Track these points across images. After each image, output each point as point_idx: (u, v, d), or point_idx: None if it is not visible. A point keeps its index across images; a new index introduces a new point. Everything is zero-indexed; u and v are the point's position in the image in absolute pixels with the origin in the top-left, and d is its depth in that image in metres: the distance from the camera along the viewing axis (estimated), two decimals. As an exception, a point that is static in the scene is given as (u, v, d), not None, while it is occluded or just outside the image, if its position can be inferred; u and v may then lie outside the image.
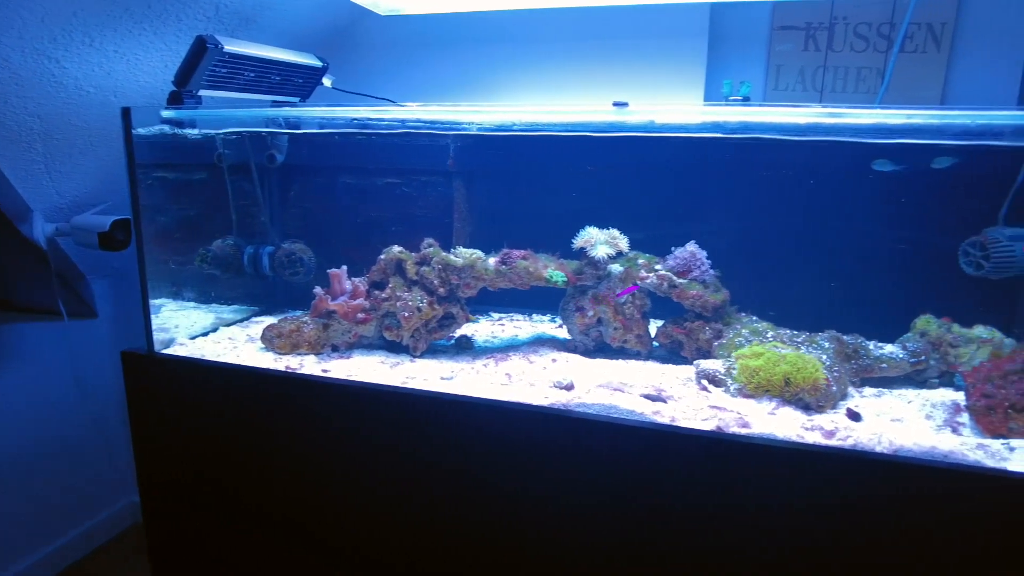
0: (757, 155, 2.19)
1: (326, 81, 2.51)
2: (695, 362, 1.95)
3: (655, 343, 2.19)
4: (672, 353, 2.16)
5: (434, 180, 2.34)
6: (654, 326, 2.21)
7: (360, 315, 2.10)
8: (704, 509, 1.58)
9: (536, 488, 1.71)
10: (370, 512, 1.88)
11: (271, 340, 2.14)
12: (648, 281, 2.12)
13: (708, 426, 1.64)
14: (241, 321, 2.51)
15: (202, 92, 2.09)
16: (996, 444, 1.56)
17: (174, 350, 2.17)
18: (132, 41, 2.16)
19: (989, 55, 2.29)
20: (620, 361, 2.13)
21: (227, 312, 2.58)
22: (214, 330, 2.39)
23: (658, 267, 2.13)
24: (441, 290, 2.08)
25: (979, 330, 1.90)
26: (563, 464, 1.68)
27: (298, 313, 2.33)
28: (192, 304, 2.61)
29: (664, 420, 1.67)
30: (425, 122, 2.08)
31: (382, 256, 2.13)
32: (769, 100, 2.46)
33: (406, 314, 2.04)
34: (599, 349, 2.20)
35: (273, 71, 2.26)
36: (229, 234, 2.50)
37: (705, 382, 1.88)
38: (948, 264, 1.99)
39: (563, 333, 2.29)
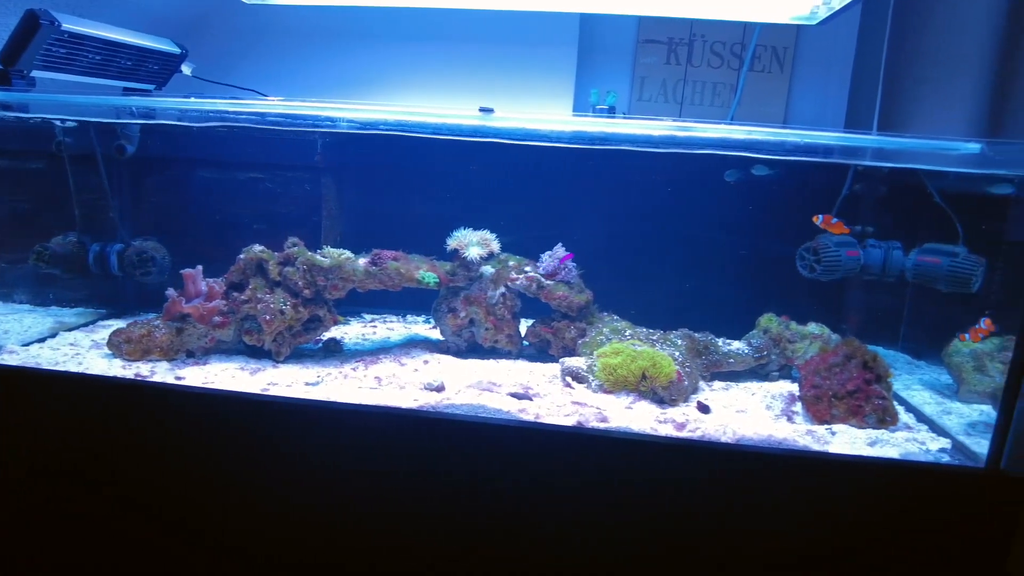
0: (619, 163, 2.29)
1: (185, 69, 2.36)
2: (560, 360, 2.01)
3: (525, 342, 2.24)
4: (541, 352, 2.22)
5: (301, 176, 2.27)
6: (525, 326, 2.26)
7: (217, 318, 1.99)
8: (566, 501, 1.64)
9: (404, 489, 1.69)
10: (228, 525, 1.79)
11: (119, 346, 1.98)
12: (518, 283, 2.17)
13: (570, 421, 1.70)
14: (85, 325, 2.30)
15: (36, 73, 1.90)
16: (821, 430, 1.73)
17: (4, 358, 1.96)
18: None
19: (822, 79, 2.53)
20: (491, 361, 2.16)
21: (69, 316, 2.36)
22: (53, 335, 2.18)
23: (528, 269, 2.18)
24: (306, 292, 2.01)
25: (812, 327, 2.10)
26: (432, 465, 1.67)
27: (150, 316, 2.17)
28: (27, 307, 2.36)
29: (529, 417, 1.71)
30: (291, 116, 2.00)
31: (242, 256, 2.03)
32: (634, 110, 2.59)
33: (268, 317, 1.96)
34: (471, 349, 2.22)
35: (123, 55, 2.09)
36: (72, 230, 2.29)
37: (569, 379, 1.94)
38: (788, 267, 2.18)
39: (436, 334, 2.29)
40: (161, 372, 1.90)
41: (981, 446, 1.62)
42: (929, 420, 1.87)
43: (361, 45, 2.59)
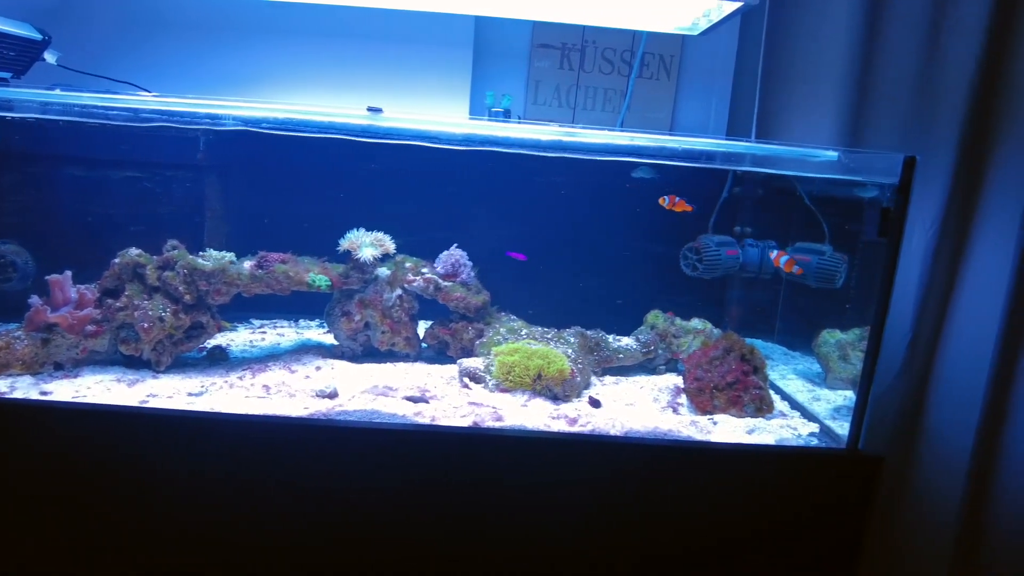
0: (513, 166, 2.32)
1: (49, 57, 2.18)
2: (458, 361, 2.02)
3: (423, 344, 2.23)
4: (439, 353, 2.22)
5: (182, 176, 2.15)
6: (423, 328, 2.25)
7: (90, 327, 1.86)
8: (459, 503, 1.64)
9: (296, 501, 1.64)
10: (106, 549, 1.67)
11: (-28, 360, 1.81)
12: (415, 284, 2.15)
13: (466, 422, 1.71)
14: (-67, 338, 2.09)
15: None
16: (704, 420, 1.83)
17: None
18: None
19: (706, 88, 2.67)
20: (388, 364, 2.13)
21: (-88, 328, 2.12)
22: None
23: (425, 270, 2.17)
24: (188, 297, 1.91)
25: (695, 322, 2.21)
26: (324, 474, 1.63)
27: (12, 327, 1.99)
28: None
29: (425, 420, 1.71)
30: (169, 113, 1.89)
31: (116, 260, 1.91)
32: (529, 113, 2.63)
33: (146, 325, 1.85)
34: (368, 353, 2.19)
35: (-33, 39, 1.91)
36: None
37: (467, 380, 1.95)
38: (673, 266, 2.29)
39: (330, 339, 2.24)
40: (23, 387, 1.75)
41: (844, 429, 1.76)
42: (801, 407, 2.01)
43: (247, 40, 2.48)
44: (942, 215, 2.16)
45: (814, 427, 1.86)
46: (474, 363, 1.98)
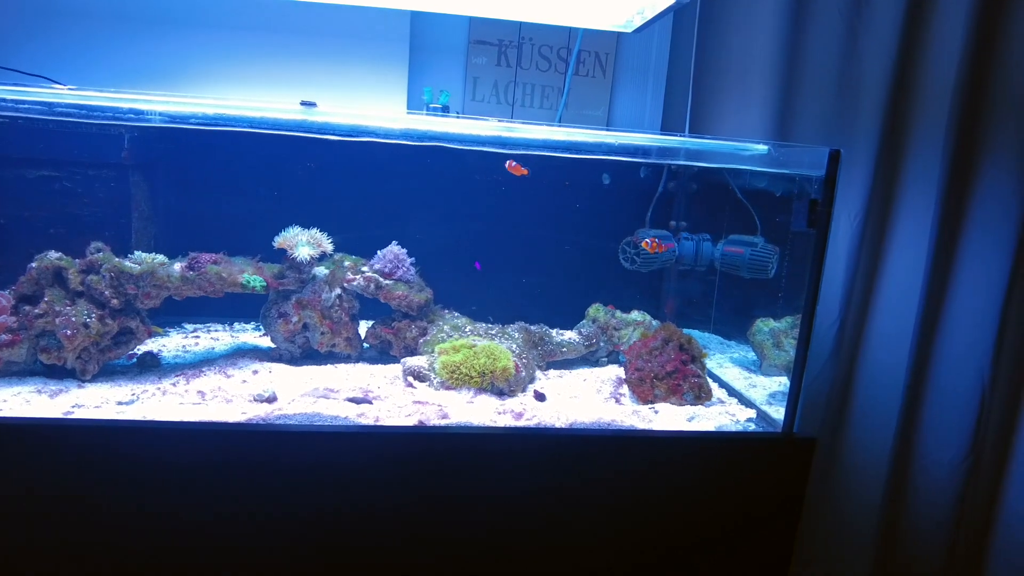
0: (452, 162, 2.31)
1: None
2: (402, 360, 1.99)
3: (365, 344, 2.19)
4: (382, 353, 2.19)
5: (105, 174, 2.04)
6: (365, 327, 2.21)
7: (5, 336, 1.75)
8: (407, 503, 1.62)
9: (235, 510, 1.59)
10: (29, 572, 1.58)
11: None
12: (355, 283, 2.11)
13: (411, 421, 1.69)
14: None
15: None
16: (645, 409, 1.87)
17: None
18: None
19: (641, 84, 2.72)
20: (329, 366, 2.09)
21: None
22: None
23: (365, 269, 2.14)
24: (114, 302, 1.82)
25: (635, 314, 2.25)
26: (265, 481, 1.58)
27: (-84, 338, 1.86)
28: None
29: (368, 421, 1.68)
30: (88, 107, 1.79)
31: (34, 264, 1.80)
32: (468, 110, 2.62)
33: (69, 332, 1.75)
34: (307, 356, 2.13)
35: None
36: None
37: (411, 379, 1.93)
38: (612, 260, 2.32)
39: (267, 342, 2.17)
40: (-71, 402, 1.64)
41: (780, 413, 1.82)
42: (739, 394, 2.08)
43: (171, 31, 2.38)
44: (865, 205, 2.27)
45: (751, 413, 1.92)
46: (418, 362, 1.96)
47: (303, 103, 1.65)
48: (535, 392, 1.92)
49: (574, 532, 1.69)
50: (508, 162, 2.07)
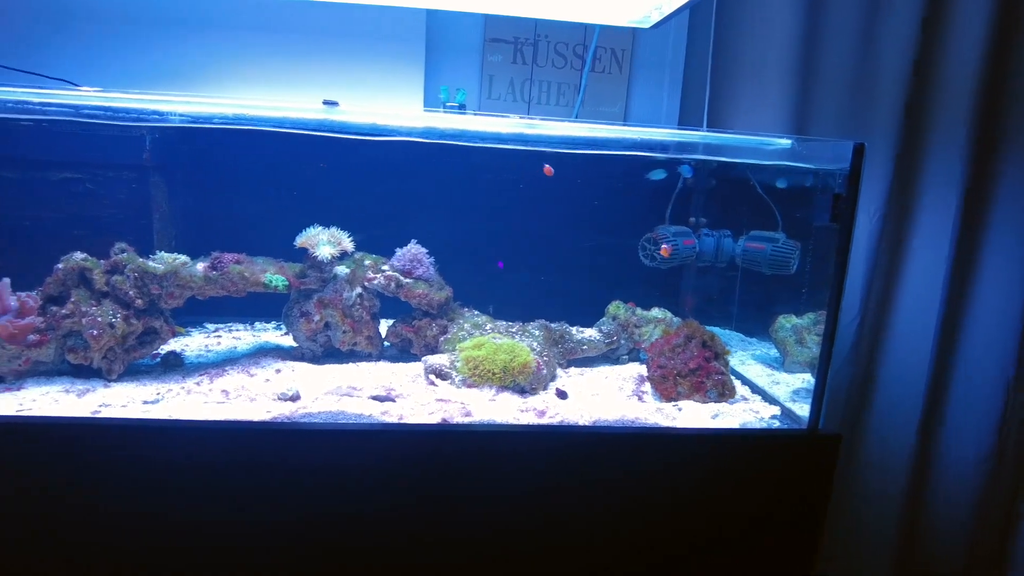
0: (472, 160, 2.31)
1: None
2: (423, 358, 1.99)
3: (386, 343, 2.20)
4: (403, 351, 2.19)
5: (127, 176, 2.06)
6: (385, 326, 2.21)
7: (33, 336, 1.76)
8: (433, 500, 1.62)
9: (261, 508, 1.59)
10: (61, 567, 1.59)
11: (-99, 376, 1.69)
12: (376, 282, 2.12)
13: (434, 419, 1.69)
14: None
15: None
16: (669, 407, 1.86)
17: None
18: None
19: (658, 80, 2.71)
20: (351, 365, 2.09)
21: None
22: None
23: (385, 267, 2.14)
24: (139, 302, 1.83)
25: (655, 312, 2.25)
26: (290, 479, 1.59)
27: (-56, 339, 1.87)
28: None
29: (392, 419, 1.68)
30: (112, 109, 1.81)
31: (60, 265, 1.81)
32: (484, 108, 2.61)
33: (95, 332, 1.76)
34: (329, 354, 2.14)
35: None
36: None
37: (433, 377, 1.93)
38: (632, 257, 2.32)
39: (289, 341, 2.18)
40: (-40, 403, 1.65)
41: (804, 410, 1.81)
42: (762, 391, 2.07)
43: (193, 33, 2.39)
44: (885, 202, 2.25)
45: (775, 410, 1.91)
46: (439, 360, 1.96)
47: (325, 102, 1.65)
48: (557, 390, 1.92)
49: (598, 529, 1.68)
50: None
